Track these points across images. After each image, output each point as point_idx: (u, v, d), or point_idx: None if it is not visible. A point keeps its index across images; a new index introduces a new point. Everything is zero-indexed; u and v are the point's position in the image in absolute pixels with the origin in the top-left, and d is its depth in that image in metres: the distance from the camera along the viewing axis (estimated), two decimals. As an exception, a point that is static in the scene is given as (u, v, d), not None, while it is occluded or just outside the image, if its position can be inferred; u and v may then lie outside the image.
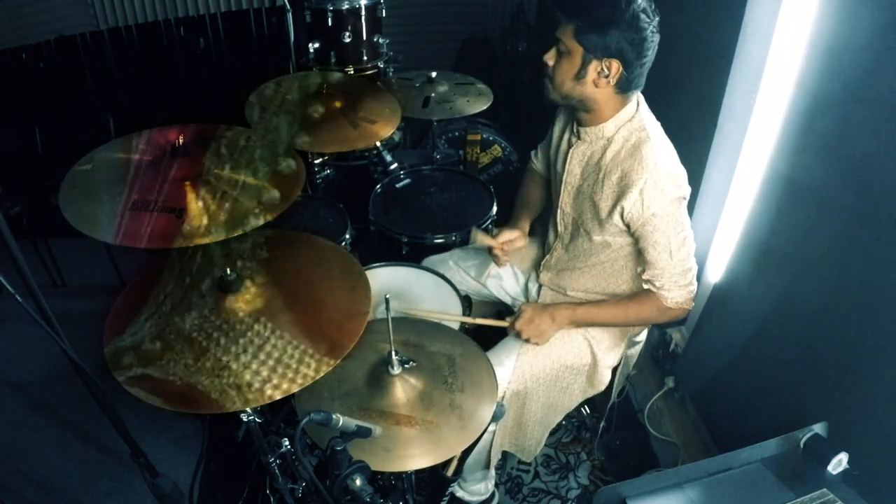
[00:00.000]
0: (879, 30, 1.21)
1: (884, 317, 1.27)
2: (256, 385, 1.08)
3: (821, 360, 1.48)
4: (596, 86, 1.42)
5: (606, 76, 1.40)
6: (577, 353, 1.67)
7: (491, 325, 1.67)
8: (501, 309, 1.98)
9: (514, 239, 1.76)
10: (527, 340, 1.62)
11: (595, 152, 1.53)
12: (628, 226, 1.48)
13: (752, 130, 1.67)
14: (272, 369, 1.10)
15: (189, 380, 1.08)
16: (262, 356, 1.12)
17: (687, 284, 1.52)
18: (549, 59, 1.46)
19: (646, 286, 1.55)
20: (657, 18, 1.36)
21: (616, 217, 1.47)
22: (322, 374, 1.10)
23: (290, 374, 1.10)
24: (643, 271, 1.54)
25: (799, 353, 1.56)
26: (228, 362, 1.10)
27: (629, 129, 1.47)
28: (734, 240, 1.82)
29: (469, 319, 1.63)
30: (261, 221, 1.15)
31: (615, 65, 1.38)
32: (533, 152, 1.92)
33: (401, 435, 1.16)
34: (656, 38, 1.37)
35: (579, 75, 1.42)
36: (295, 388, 1.08)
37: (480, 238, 1.75)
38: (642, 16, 1.33)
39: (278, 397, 1.07)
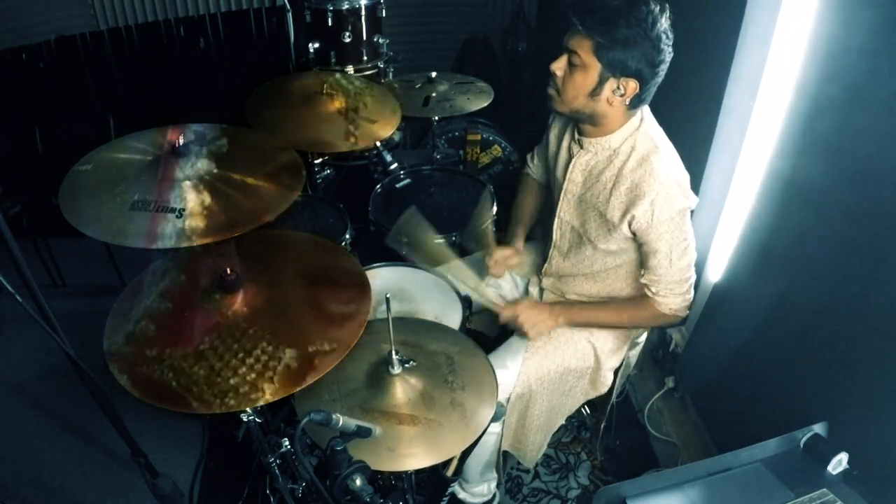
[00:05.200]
0: (879, 31, 1.21)
1: (883, 317, 1.27)
2: (251, 386, 1.08)
3: (821, 359, 1.48)
4: (609, 103, 1.38)
5: (622, 95, 1.35)
6: (581, 356, 1.66)
7: (489, 303, 1.67)
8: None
9: (507, 257, 1.76)
10: (520, 329, 1.60)
11: (599, 162, 1.51)
12: (635, 234, 1.48)
13: (751, 131, 1.67)
14: (270, 370, 1.10)
15: (187, 380, 1.08)
16: (258, 357, 1.12)
17: (683, 293, 1.52)
18: (558, 69, 1.38)
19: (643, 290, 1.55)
20: (673, 37, 1.32)
21: (625, 227, 1.46)
22: (322, 374, 1.10)
23: (288, 375, 1.09)
24: (642, 275, 1.54)
25: (799, 353, 1.56)
26: (226, 363, 1.10)
27: (635, 138, 1.44)
28: (734, 240, 1.82)
29: (472, 291, 1.65)
30: (261, 221, 1.15)
31: (632, 84, 1.33)
32: (529, 156, 1.89)
33: (403, 434, 1.16)
34: (670, 57, 1.33)
35: (594, 92, 1.36)
36: (294, 390, 1.08)
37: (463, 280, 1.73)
38: (664, 37, 1.29)
39: (277, 398, 1.07)
